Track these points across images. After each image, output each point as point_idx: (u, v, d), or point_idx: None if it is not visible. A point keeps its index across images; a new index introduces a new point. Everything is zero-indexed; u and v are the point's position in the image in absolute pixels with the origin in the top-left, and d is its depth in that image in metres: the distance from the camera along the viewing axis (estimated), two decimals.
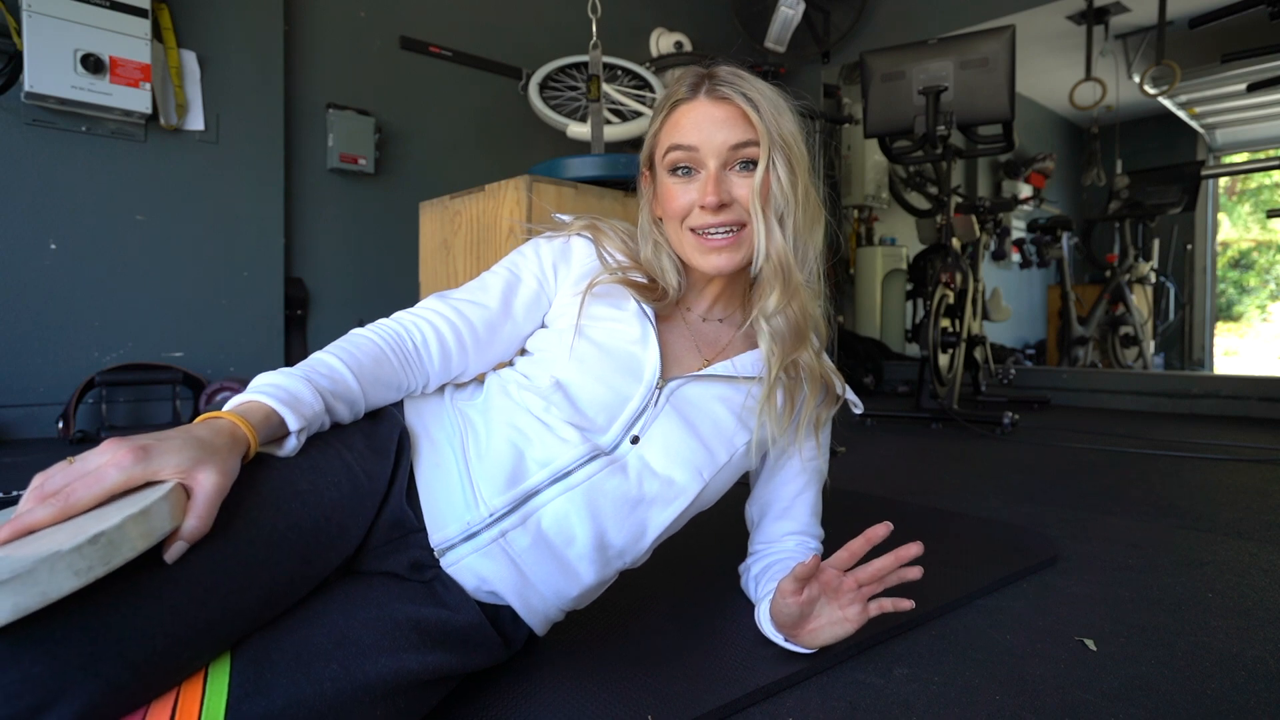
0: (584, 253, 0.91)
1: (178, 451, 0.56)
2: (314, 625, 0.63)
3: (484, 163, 3.56)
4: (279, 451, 0.67)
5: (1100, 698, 0.81)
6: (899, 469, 2.21)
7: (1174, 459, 2.37)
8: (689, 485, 0.84)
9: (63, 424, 2.40)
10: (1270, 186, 7.27)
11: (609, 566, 0.84)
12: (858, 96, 4.69)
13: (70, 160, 2.48)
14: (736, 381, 0.89)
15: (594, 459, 0.80)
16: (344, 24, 3.17)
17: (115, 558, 0.48)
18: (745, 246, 0.85)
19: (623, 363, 0.85)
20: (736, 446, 0.88)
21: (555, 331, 0.89)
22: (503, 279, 0.89)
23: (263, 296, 2.90)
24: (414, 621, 0.69)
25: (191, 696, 0.55)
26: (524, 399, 0.83)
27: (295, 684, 0.58)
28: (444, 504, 0.77)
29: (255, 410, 0.65)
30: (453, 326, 0.84)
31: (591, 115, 2.35)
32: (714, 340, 0.93)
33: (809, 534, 0.99)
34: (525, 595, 0.79)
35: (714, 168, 0.83)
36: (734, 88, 0.83)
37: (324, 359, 0.76)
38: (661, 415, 0.85)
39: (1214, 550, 1.38)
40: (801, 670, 0.84)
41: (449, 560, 0.76)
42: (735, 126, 0.83)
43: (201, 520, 0.55)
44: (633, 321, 0.87)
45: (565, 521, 0.79)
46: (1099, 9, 4.87)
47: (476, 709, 0.75)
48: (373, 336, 0.81)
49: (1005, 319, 4.72)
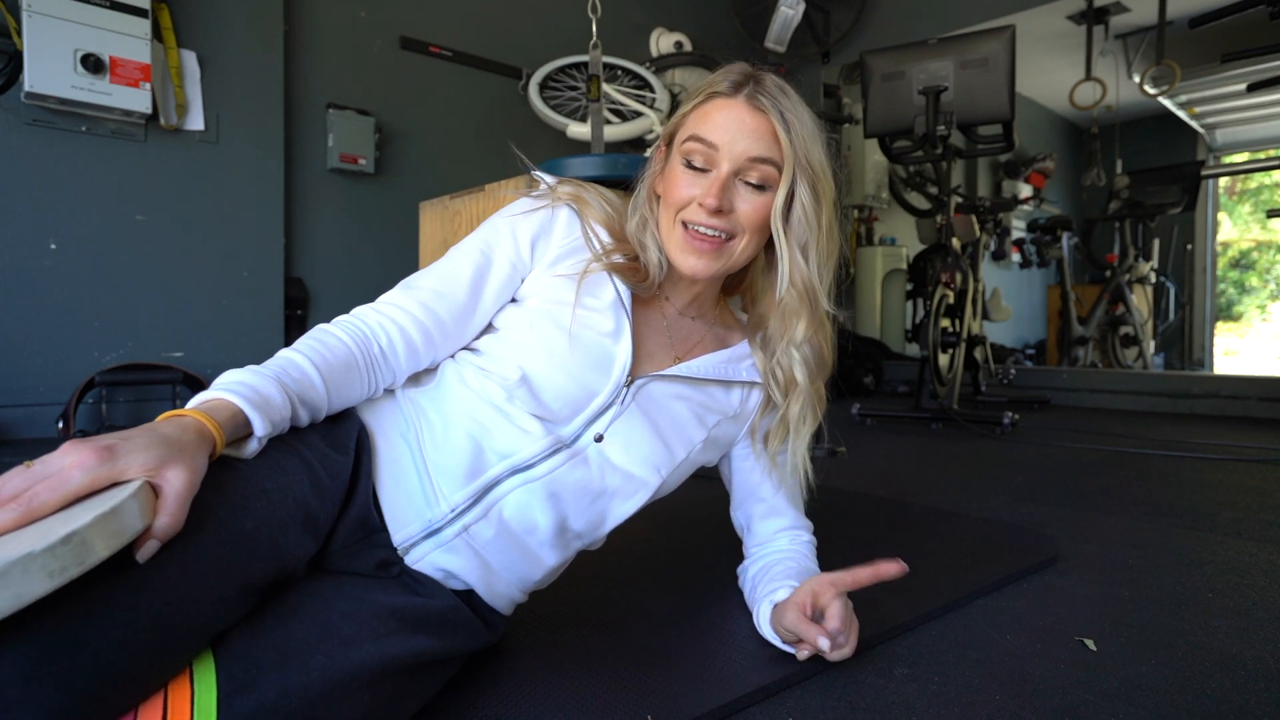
0: (566, 227, 0.87)
1: (144, 450, 0.54)
2: (294, 621, 0.63)
3: (484, 163, 3.55)
4: (239, 454, 0.65)
5: (1100, 698, 0.81)
6: (899, 469, 2.21)
7: (1174, 459, 2.37)
8: (648, 480, 0.86)
9: (63, 424, 2.40)
10: (1270, 186, 7.27)
11: (569, 549, 0.86)
12: (858, 96, 4.68)
13: (70, 160, 2.48)
14: (702, 384, 0.90)
15: (557, 452, 0.80)
16: (344, 24, 3.17)
17: (89, 558, 0.46)
18: (725, 258, 0.84)
19: (593, 356, 0.83)
20: (694, 443, 0.90)
21: (526, 312, 0.85)
22: (474, 262, 0.84)
23: (263, 296, 2.90)
24: (392, 609, 0.69)
25: (181, 696, 0.54)
26: (483, 387, 0.81)
27: (284, 676, 0.58)
28: (403, 502, 0.77)
29: (222, 409, 0.63)
30: (419, 324, 0.81)
31: (591, 115, 2.35)
32: (686, 336, 0.93)
33: (798, 527, 1.00)
34: (490, 582, 0.80)
35: (725, 172, 0.81)
36: (774, 102, 0.82)
37: (295, 360, 0.73)
38: (627, 413, 0.84)
39: (1214, 550, 1.38)
40: (801, 670, 0.84)
41: (413, 557, 0.77)
42: (761, 140, 0.81)
43: (173, 518, 0.54)
44: (608, 312, 0.85)
45: (527, 510, 0.80)
46: (1099, 9, 4.87)
47: (476, 709, 0.75)
48: (343, 338, 0.78)
49: (1005, 319, 4.71)
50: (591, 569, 1.17)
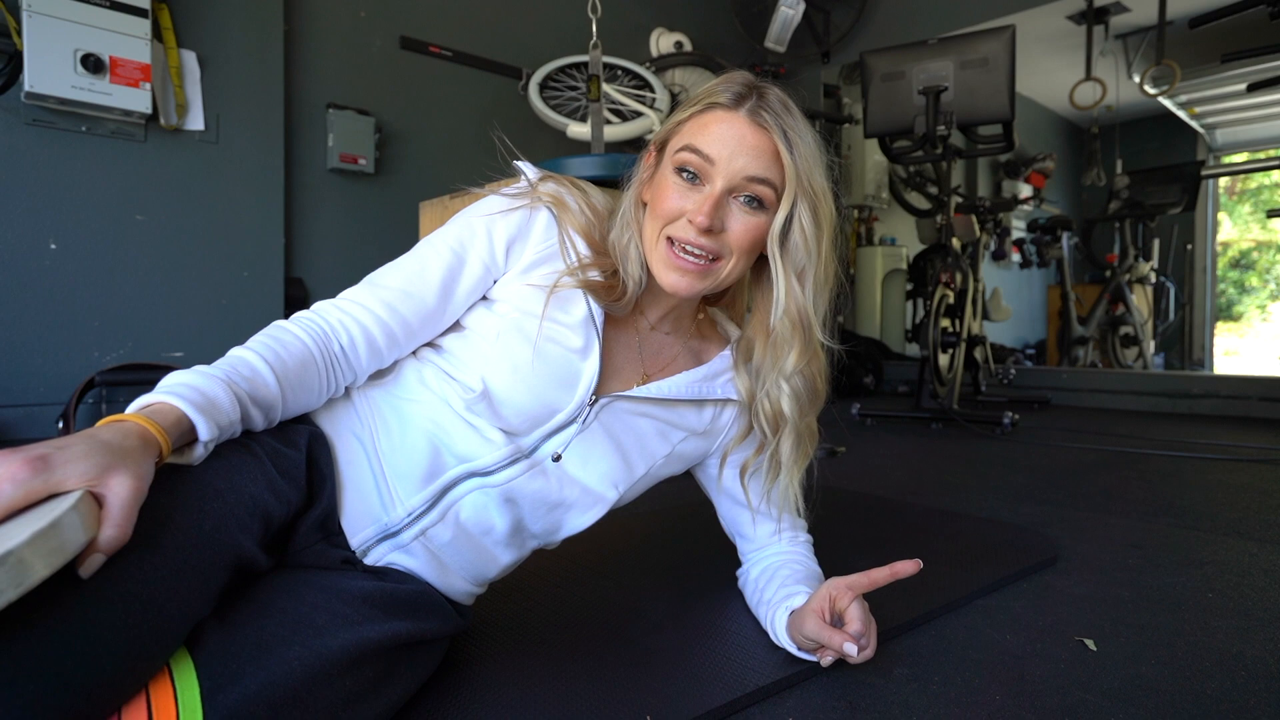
0: (543, 232, 0.82)
1: (82, 458, 0.51)
2: (267, 615, 0.63)
3: (484, 163, 3.53)
4: (186, 460, 0.62)
5: (1100, 698, 0.81)
6: (899, 469, 2.21)
7: (1174, 459, 2.37)
8: (606, 494, 0.85)
9: (63, 424, 2.40)
10: (1270, 186, 7.26)
11: (525, 548, 0.86)
12: (858, 96, 4.69)
13: (70, 160, 2.48)
14: (670, 404, 0.88)
15: (516, 462, 0.80)
16: (344, 24, 3.17)
17: (27, 578, 0.43)
18: (710, 279, 0.80)
19: (558, 373, 0.80)
20: (656, 458, 0.88)
21: (495, 318, 0.81)
22: (445, 262, 0.80)
23: (263, 296, 2.90)
24: (363, 595, 0.69)
25: (164, 696, 0.54)
26: (444, 391, 0.79)
27: (264, 669, 0.58)
28: (359, 505, 0.76)
29: (166, 413, 0.60)
30: (382, 324, 0.78)
31: (591, 115, 2.35)
32: (657, 352, 0.90)
33: (794, 527, 1.00)
34: (446, 579, 0.81)
35: (719, 189, 0.77)
36: (777, 119, 0.78)
37: (246, 359, 0.70)
38: (588, 432, 0.83)
39: (1214, 550, 1.38)
40: (801, 670, 0.84)
41: (371, 559, 0.77)
42: (761, 159, 0.77)
43: (120, 529, 0.51)
44: (578, 329, 0.81)
45: (484, 513, 0.79)
46: (1099, 9, 4.87)
47: (476, 709, 0.75)
48: (300, 335, 0.74)
49: (1005, 319, 4.72)
50: (591, 569, 1.17)
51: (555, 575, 1.15)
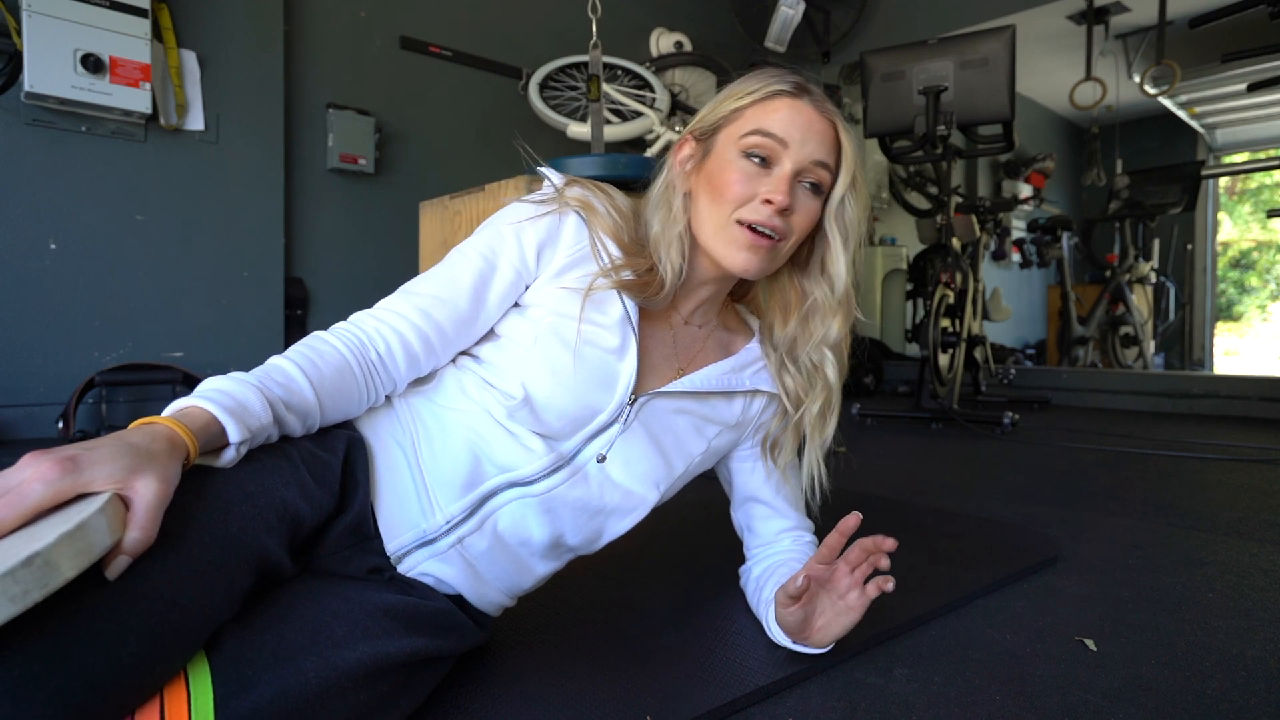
0: (574, 236, 0.83)
1: (110, 460, 0.52)
2: (286, 623, 0.62)
3: (484, 163, 3.55)
4: (216, 464, 0.63)
5: (1100, 698, 0.81)
6: (899, 469, 2.21)
7: (1174, 459, 2.37)
8: (647, 496, 0.85)
9: (63, 424, 2.40)
10: (1270, 186, 7.26)
11: (562, 560, 0.86)
12: (858, 96, 4.68)
13: (70, 160, 2.48)
14: (703, 397, 0.89)
15: (558, 470, 0.80)
16: (344, 24, 3.17)
17: (54, 579, 0.44)
18: (776, 259, 0.84)
19: (597, 374, 0.81)
20: (693, 456, 0.89)
21: (530, 324, 0.82)
22: (476, 268, 0.80)
23: (263, 296, 2.90)
24: (385, 608, 0.69)
25: (177, 700, 0.54)
26: (485, 399, 0.80)
27: (279, 677, 0.58)
28: (398, 511, 0.76)
29: (196, 416, 0.61)
30: (419, 331, 0.78)
31: (591, 115, 2.35)
32: (689, 346, 0.91)
33: (800, 528, 1.00)
34: (480, 590, 0.81)
35: (789, 170, 0.80)
36: (832, 109, 0.84)
37: (281, 366, 0.71)
38: (629, 432, 0.83)
39: (1214, 550, 1.38)
40: (801, 670, 0.84)
41: (405, 565, 0.77)
42: (825, 144, 0.82)
43: (144, 531, 0.51)
44: (614, 329, 0.82)
45: (522, 523, 0.79)
46: (1099, 9, 4.87)
47: (476, 709, 0.75)
48: (337, 344, 0.75)
49: (1005, 319, 4.71)
50: (591, 569, 1.17)
51: (555, 575, 1.15)
